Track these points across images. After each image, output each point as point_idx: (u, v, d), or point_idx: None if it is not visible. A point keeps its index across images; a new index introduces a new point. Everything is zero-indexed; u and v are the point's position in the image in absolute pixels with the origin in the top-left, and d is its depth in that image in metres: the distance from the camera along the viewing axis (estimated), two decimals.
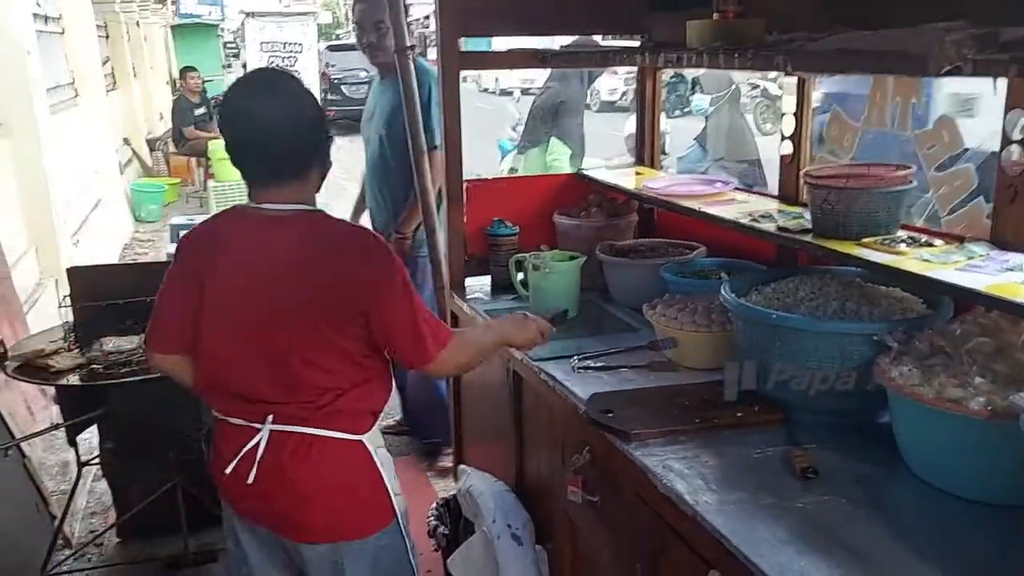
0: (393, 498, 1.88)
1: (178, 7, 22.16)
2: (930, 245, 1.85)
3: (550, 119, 5.00)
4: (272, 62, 8.96)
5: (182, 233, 1.93)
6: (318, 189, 1.84)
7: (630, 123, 8.56)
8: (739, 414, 1.83)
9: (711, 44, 2.00)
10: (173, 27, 19.05)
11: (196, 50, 17.58)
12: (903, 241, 1.89)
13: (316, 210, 1.81)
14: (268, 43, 9.03)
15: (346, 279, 1.72)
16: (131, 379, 2.42)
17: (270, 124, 1.70)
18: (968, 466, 1.50)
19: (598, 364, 2.14)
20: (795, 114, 2.35)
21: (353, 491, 1.82)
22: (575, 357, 2.16)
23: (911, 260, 1.78)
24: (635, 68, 3.12)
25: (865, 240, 1.91)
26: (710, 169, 4.94)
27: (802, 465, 1.61)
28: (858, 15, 1.85)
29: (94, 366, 2.50)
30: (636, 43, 2.95)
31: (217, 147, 9.71)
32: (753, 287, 2.04)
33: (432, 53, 3.17)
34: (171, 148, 11.25)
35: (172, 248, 6.05)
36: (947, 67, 1.29)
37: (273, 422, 1.76)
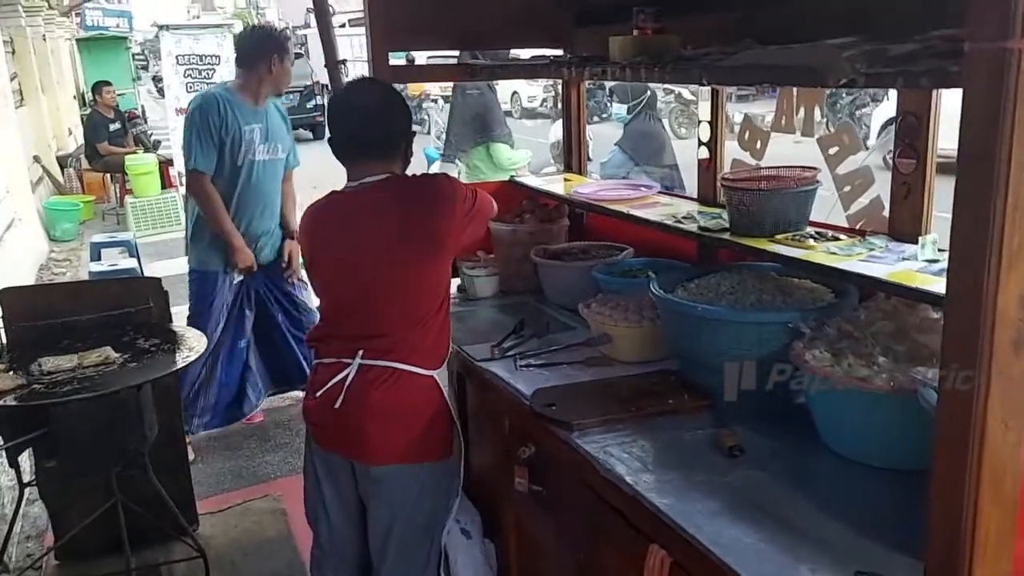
0: (459, 435, 2.21)
1: (83, 20, 21.50)
2: (836, 239, 2.03)
3: (479, 126, 5.10)
4: (188, 75, 8.77)
5: (104, 251, 2.07)
6: (404, 167, 2.21)
7: (555, 130, 8.77)
8: (670, 401, 1.98)
9: (633, 58, 2.14)
10: (79, 40, 18.50)
11: (104, 64, 17.10)
12: (811, 236, 2.07)
13: (400, 175, 2.19)
14: (184, 56, 8.84)
15: (440, 225, 2.09)
16: (76, 397, 2.42)
17: (371, 116, 2.14)
18: (874, 437, 1.66)
19: (539, 362, 2.26)
20: (710, 122, 2.51)
21: (424, 419, 2.14)
22: (517, 356, 2.28)
23: (819, 253, 1.95)
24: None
25: (778, 236, 2.08)
26: (631, 174, 5.11)
27: (729, 444, 1.76)
28: (765, 32, 2.02)
29: (35, 386, 2.49)
30: (558, 53, 3.08)
31: (135, 163, 9.51)
32: (679, 284, 2.19)
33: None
34: (84, 164, 10.93)
35: (93, 267, 5.91)
36: (843, 79, 1.45)
37: (363, 357, 2.10)
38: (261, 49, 3.85)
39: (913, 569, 1.34)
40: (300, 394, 4.25)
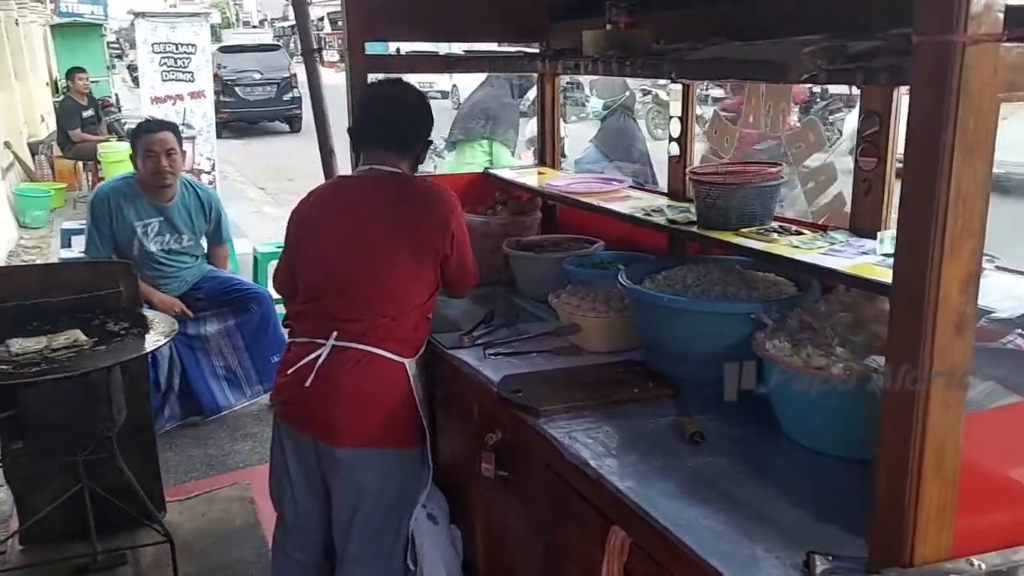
0: (424, 426, 2.24)
1: (57, 5, 21.18)
2: (799, 233, 2.08)
3: (487, 118, 5.12)
4: (164, 63, 8.69)
5: (74, 239, 2.12)
6: (414, 169, 2.33)
7: (530, 126, 8.79)
8: (635, 390, 2.01)
9: (605, 52, 2.17)
10: (53, 26, 18.23)
11: (78, 50, 16.87)
12: (775, 231, 2.11)
13: (405, 173, 2.27)
14: (160, 44, 8.75)
15: (430, 225, 2.17)
16: (45, 378, 2.42)
17: (400, 106, 2.28)
18: (830, 426, 1.71)
19: (508, 350, 2.29)
20: (681, 118, 2.55)
21: (389, 405, 2.17)
22: (486, 345, 2.31)
23: (783, 247, 1.99)
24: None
25: (743, 230, 2.12)
26: (606, 169, 5.15)
27: (690, 431, 1.80)
28: (733, 28, 2.07)
29: (3, 367, 2.48)
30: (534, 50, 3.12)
31: (108, 151, 9.40)
32: (647, 275, 2.23)
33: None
34: (56, 152, 10.80)
35: (63, 254, 5.85)
36: (805, 75, 1.49)
37: (337, 339, 2.14)
38: (132, 146, 4.02)
39: (863, 549, 1.39)
40: (260, 392, 4.32)
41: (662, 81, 14.97)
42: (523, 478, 2.00)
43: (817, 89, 12.01)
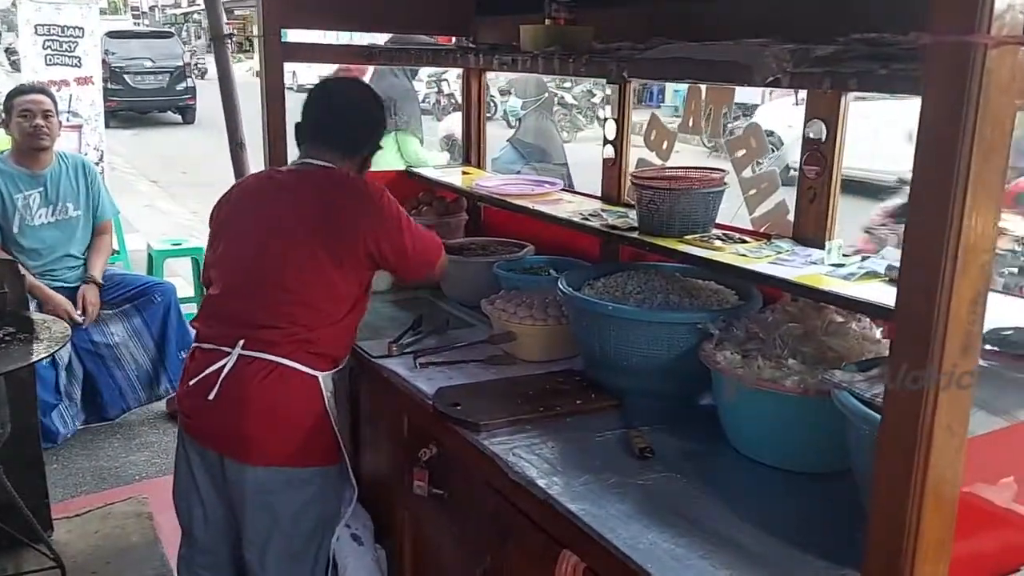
0: (341, 444, 2.07)
1: None
2: (743, 241, 2.03)
3: (389, 113, 4.93)
4: (49, 47, 8.15)
5: None
6: (359, 173, 2.15)
7: (444, 124, 8.66)
8: (578, 401, 1.93)
9: (545, 48, 2.08)
10: None
11: None
12: (718, 238, 2.06)
13: (337, 169, 2.08)
14: (44, 26, 8.20)
15: (349, 223, 1.98)
16: None
17: (354, 110, 2.15)
18: (784, 440, 1.66)
19: (439, 359, 2.17)
20: (616, 120, 2.49)
21: (302, 421, 2.00)
22: (416, 354, 2.18)
23: (729, 255, 1.94)
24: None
25: (687, 237, 2.06)
26: (523, 170, 5.08)
27: (640, 446, 1.72)
28: (676, 29, 2.01)
29: None
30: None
31: None
32: (585, 282, 2.15)
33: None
34: None
35: None
36: (770, 77, 1.43)
37: (244, 348, 1.95)
38: (5, 110, 3.82)
39: (827, 571, 1.35)
40: (168, 391, 4.04)
41: (567, 83, 15.16)
42: (460, 497, 1.88)
43: None
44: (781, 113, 9.49)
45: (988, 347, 1.33)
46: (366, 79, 5.32)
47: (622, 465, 1.68)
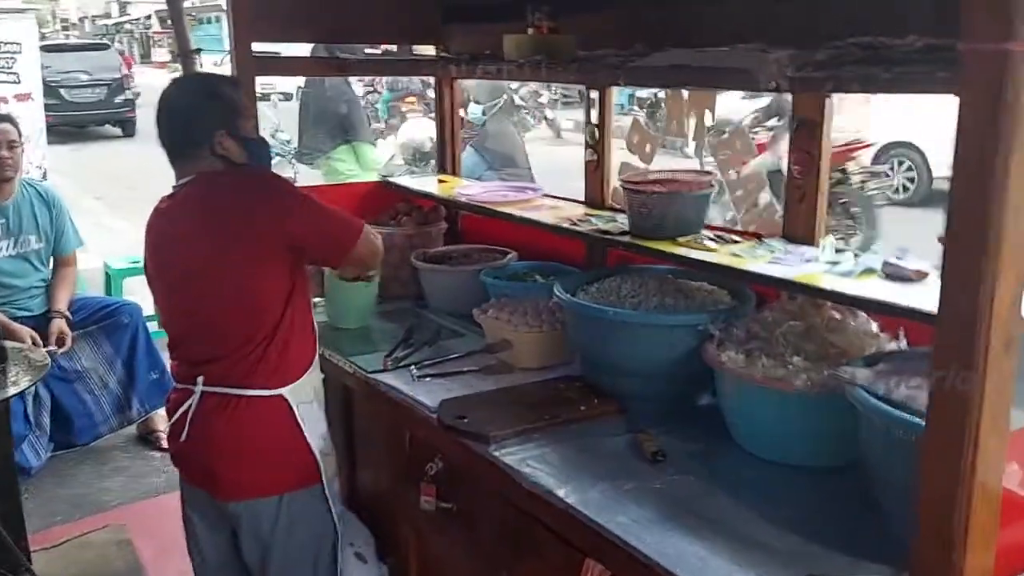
0: (319, 458, 2.00)
1: None
2: (735, 242, 2.06)
3: (339, 125, 4.87)
4: None
5: None
6: (224, 166, 1.97)
7: (402, 131, 8.60)
8: (582, 407, 1.93)
9: (531, 57, 2.09)
10: None
11: None
12: (711, 240, 2.09)
13: (207, 173, 1.96)
14: None
15: (247, 221, 1.89)
16: None
17: (172, 109, 1.99)
18: (793, 436, 1.69)
19: (436, 371, 2.16)
20: (598, 125, 2.49)
21: (272, 447, 1.95)
22: (413, 366, 2.16)
23: (725, 256, 1.97)
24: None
25: (680, 239, 2.08)
26: (485, 175, 5.08)
27: (651, 449, 1.73)
28: (656, 37, 2.02)
29: None
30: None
31: None
32: (579, 287, 2.15)
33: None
34: None
35: None
36: (773, 82, 1.45)
37: (204, 384, 1.93)
38: None
39: (853, 566, 1.37)
40: (140, 413, 3.96)
41: (514, 85, 15.18)
42: (471, 510, 1.87)
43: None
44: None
45: None
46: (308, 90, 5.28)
47: (635, 470, 1.69)
